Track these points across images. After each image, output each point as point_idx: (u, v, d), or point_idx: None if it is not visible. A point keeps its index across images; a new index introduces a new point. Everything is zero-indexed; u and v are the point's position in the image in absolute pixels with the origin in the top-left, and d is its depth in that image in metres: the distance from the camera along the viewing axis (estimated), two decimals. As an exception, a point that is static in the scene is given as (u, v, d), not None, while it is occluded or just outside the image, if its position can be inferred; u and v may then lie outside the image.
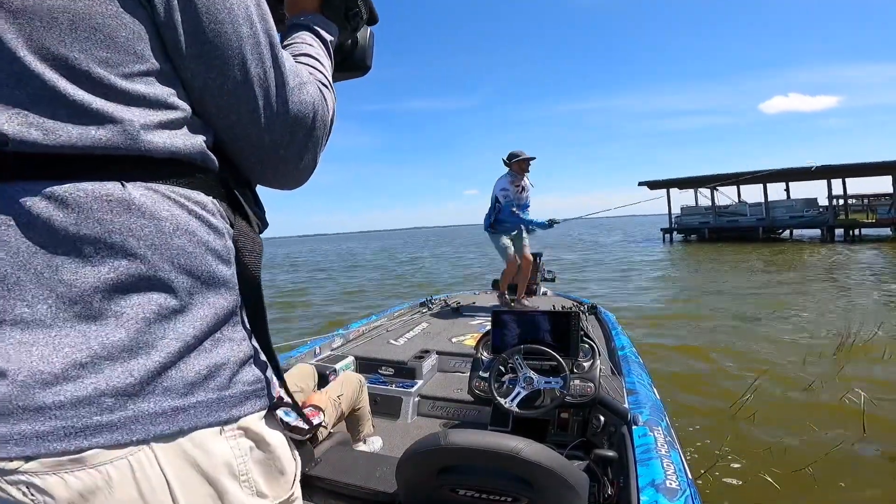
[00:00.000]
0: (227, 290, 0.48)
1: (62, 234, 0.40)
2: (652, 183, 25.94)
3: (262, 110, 0.50)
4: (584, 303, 4.03)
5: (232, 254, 0.49)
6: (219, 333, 0.47)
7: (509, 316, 2.20)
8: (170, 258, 0.43)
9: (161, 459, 0.41)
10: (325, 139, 0.58)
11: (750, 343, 4.97)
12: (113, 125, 0.42)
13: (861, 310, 6.41)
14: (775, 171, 22.28)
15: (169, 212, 0.44)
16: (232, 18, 0.46)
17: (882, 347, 4.37)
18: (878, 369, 3.97)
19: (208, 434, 0.44)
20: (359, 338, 3.16)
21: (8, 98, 0.40)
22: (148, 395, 0.41)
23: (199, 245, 0.46)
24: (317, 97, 0.54)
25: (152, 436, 0.41)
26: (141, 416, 0.40)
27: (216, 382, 0.45)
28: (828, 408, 3.28)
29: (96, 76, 0.42)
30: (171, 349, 0.42)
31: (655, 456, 1.44)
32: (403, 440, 2.15)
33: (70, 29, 0.40)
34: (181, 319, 0.44)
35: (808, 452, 2.68)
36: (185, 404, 0.43)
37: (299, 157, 0.55)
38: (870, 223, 21.55)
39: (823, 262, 12.85)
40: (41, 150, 0.40)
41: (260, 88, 0.49)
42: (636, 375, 2.17)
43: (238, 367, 0.47)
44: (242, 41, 0.47)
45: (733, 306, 7.09)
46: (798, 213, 22.20)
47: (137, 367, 0.41)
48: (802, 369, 4.03)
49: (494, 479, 1.19)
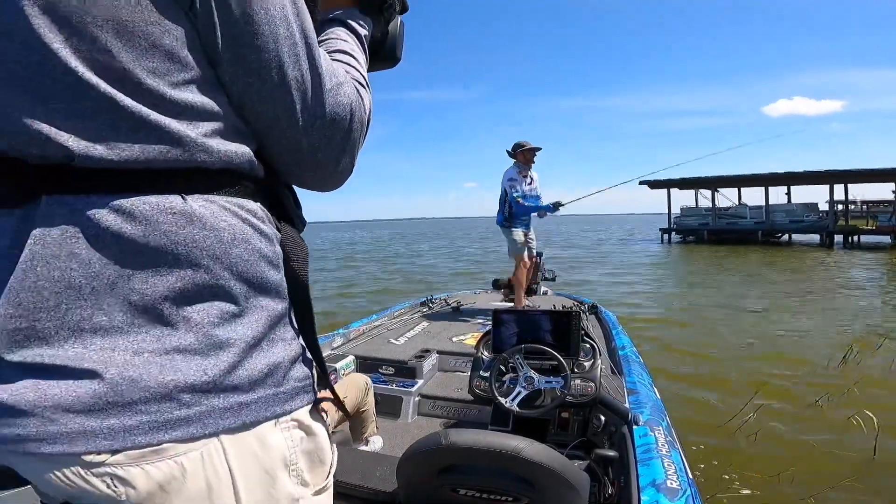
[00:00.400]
0: (277, 293, 0.50)
1: (131, 246, 0.42)
2: (652, 182, 25.94)
3: (299, 113, 0.50)
4: (584, 302, 4.03)
5: (281, 258, 0.51)
6: (273, 334, 0.49)
7: (510, 315, 2.20)
8: (229, 267, 0.46)
9: (228, 451, 0.44)
10: (363, 140, 0.57)
11: (750, 354, 4.82)
12: (170, 138, 0.43)
13: (864, 319, 6.30)
14: (778, 174, 22.28)
15: (226, 222, 0.46)
16: (269, 19, 0.46)
17: (889, 361, 4.23)
18: (886, 384, 3.81)
19: (267, 427, 0.47)
20: (359, 337, 3.16)
21: (69, 112, 0.40)
22: (218, 391, 0.44)
23: (253, 253, 0.48)
24: (354, 98, 0.54)
25: (221, 429, 0.44)
26: (213, 410, 0.43)
27: (273, 379, 0.48)
28: (835, 427, 3.12)
29: (147, 86, 0.42)
30: (235, 350, 0.45)
31: (656, 456, 1.44)
32: (404, 440, 2.15)
33: (116, 37, 0.40)
34: (241, 322, 0.46)
35: (816, 480, 2.50)
36: (249, 400, 0.45)
37: (337, 160, 0.55)
38: (870, 230, 21.46)
39: (823, 269, 12.76)
40: (106, 165, 0.41)
41: (297, 91, 0.49)
42: (637, 375, 2.17)
43: (290, 364, 0.50)
44: (279, 43, 0.47)
45: (730, 313, 7.00)
46: (798, 217, 22.15)
47: (208, 366, 0.43)
48: (806, 383, 3.91)
49: (495, 479, 1.19)
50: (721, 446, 2.90)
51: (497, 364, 2.00)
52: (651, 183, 26.01)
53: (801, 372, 4.20)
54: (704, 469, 2.65)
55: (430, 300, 4.37)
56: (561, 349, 1.98)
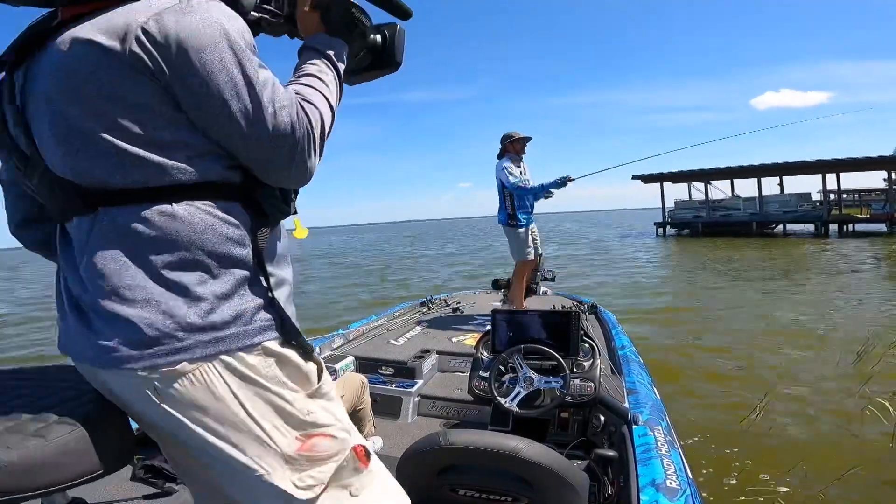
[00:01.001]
0: (243, 263, 0.70)
1: (143, 236, 0.64)
2: (646, 177, 25.95)
3: (248, 138, 0.66)
4: (584, 302, 4.01)
5: (247, 238, 0.70)
6: (240, 290, 0.69)
7: (509, 315, 2.20)
8: (202, 247, 0.66)
9: (221, 371, 0.66)
10: (313, 147, 0.70)
11: (757, 347, 4.71)
12: (157, 167, 0.64)
13: (869, 312, 6.15)
14: (770, 165, 22.32)
15: (199, 218, 0.66)
16: (208, 71, 0.62)
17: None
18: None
19: (245, 354, 0.68)
20: (359, 338, 3.15)
21: (90, 155, 0.64)
22: (201, 329, 0.65)
23: (220, 237, 0.67)
24: (294, 118, 0.67)
25: (207, 355, 0.65)
26: (198, 342, 0.64)
27: (241, 321, 0.68)
28: (851, 418, 3.03)
29: (135, 133, 0.63)
30: (209, 301, 0.66)
31: (656, 455, 1.45)
32: (403, 440, 2.15)
33: (109, 103, 0.62)
34: (213, 283, 0.67)
35: (827, 472, 2.40)
36: (223, 335, 0.66)
37: (288, 167, 0.69)
38: (864, 218, 21.57)
39: (821, 259, 12.71)
40: (122, 188, 0.65)
41: (243, 121, 0.65)
42: (636, 375, 2.17)
43: (255, 311, 0.69)
44: (221, 89, 0.63)
45: (732, 305, 6.92)
46: (792, 208, 22.19)
47: (191, 313, 0.64)
48: (818, 378, 3.80)
49: (495, 479, 1.19)
50: (730, 445, 2.77)
51: (496, 364, 2.00)
52: (644, 177, 26.03)
53: (812, 366, 4.09)
54: (713, 470, 2.52)
55: (430, 301, 4.32)
56: (560, 349, 1.98)
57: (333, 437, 0.73)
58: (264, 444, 0.67)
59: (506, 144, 4.13)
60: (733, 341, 5.03)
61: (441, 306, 4.23)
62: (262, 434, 0.67)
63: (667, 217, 26.53)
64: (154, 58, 0.61)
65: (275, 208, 0.74)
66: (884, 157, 20.03)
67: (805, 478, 2.40)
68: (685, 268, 12.59)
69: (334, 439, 0.73)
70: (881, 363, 3.88)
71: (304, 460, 0.70)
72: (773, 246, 16.96)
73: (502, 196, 4.11)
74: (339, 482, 0.73)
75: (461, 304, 4.29)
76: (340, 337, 3.02)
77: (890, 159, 20.49)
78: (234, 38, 0.63)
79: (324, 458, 0.71)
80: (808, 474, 2.42)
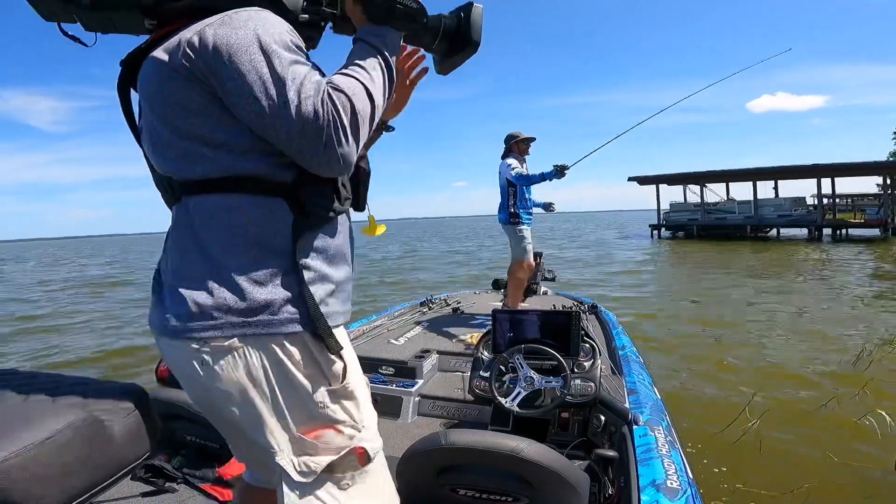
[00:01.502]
0: (282, 254, 0.75)
1: (201, 223, 0.75)
2: (641, 178, 25.98)
3: (279, 130, 0.70)
4: (584, 302, 4.00)
5: (286, 233, 0.75)
6: (275, 281, 0.74)
7: (510, 315, 2.20)
8: (245, 237, 0.74)
9: (250, 351, 0.73)
10: (343, 134, 0.71)
11: (747, 351, 4.66)
12: (212, 162, 0.74)
13: (864, 317, 6.10)
14: (765, 169, 22.39)
15: (245, 210, 0.74)
16: (242, 74, 0.69)
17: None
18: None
19: (279, 341, 0.74)
20: (359, 337, 3.14)
21: (167, 156, 0.77)
22: (236, 312, 0.72)
23: (261, 229, 0.74)
24: (318, 107, 0.69)
25: (236, 335, 0.72)
26: (231, 323, 0.72)
27: (270, 310, 0.73)
28: (848, 430, 2.92)
29: (195, 135, 0.74)
30: (245, 288, 0.73)
31: (656, 456, 1.44)
32: (403, 440, 2.14)
33: (175, 109, 0.73)
34: (252, 271, 0.73)
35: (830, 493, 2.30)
36: (254, 320, 0.73)
37: (318, 155, 0.71)
38: (858, 223, 21.61)
39: (814, 263, 12.71)
40: (189, 180, 0.76)
41: (272, 114, 0.69)
42: (637, 375, 2.17)
43: (284, 303, 0.74)
44: (252, 86, 0.69)
45: (724, 309, 6.91)
46: (786, 211, 22.24)
47: (231, 296, 0.72)
48: (811, 384, 3.72)
49: (495, 479, 1.19)
50: (721, 460, 2.63)
51: (497, 364, 2.00)
52: (640, 179, 26.06)
53: (806, 372, 4.00)
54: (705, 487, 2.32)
55: (430, 300, 4.31)
56: (561, 349, 1.98)
57: (341, 432, 0.79)
58: (280, 425, 0.75)
59: (510, 144, 4.14)
60: (726, 342, 5.04)
61: (441, 306, 4.22)
62: (280, 416, 0.75)
63: (662, 219, 26.59)
64: (198, 66, 0.70)
65: (320, 207, 0.78)
66: (879, 163, 20.13)
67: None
68: (678, 270, 12.64)
69: (341, 435, 0.78)
70: (878, 366, 3.88)
71: (309, 448, 0.76)
72: (767, 249, 16.99)
73: (505, 195, 4.10)
74: (333, 474, 0.78)
75: (461, 303, 4.29)
76: None
77: (884, 164, 20.60)
78: (265, 40, 0.70)
79: (326, 450, 0.77)
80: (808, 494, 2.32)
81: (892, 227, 20.13)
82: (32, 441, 0.63)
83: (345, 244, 0.85)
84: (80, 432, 0.68)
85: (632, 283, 10.12)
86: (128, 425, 0.73)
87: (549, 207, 4.33)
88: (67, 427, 0.67)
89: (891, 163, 21.95)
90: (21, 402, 0.76)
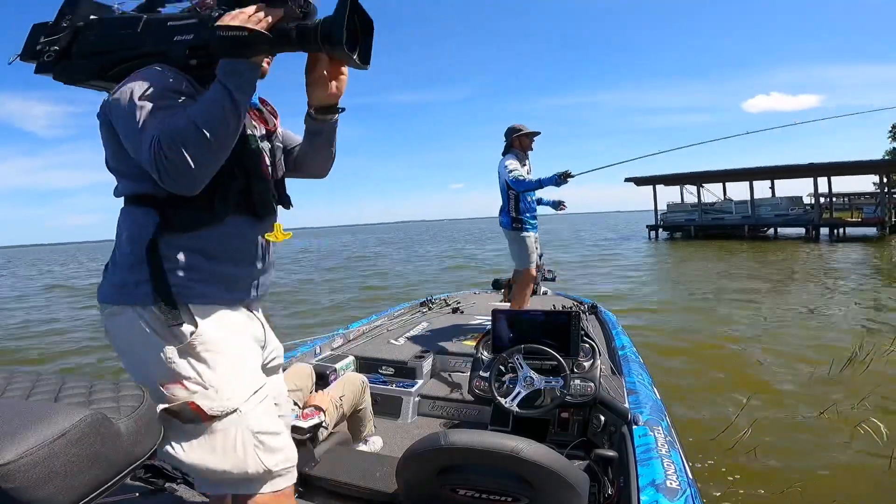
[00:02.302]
0: (143, 250, 0.97)
1: (119, 224, 1.04)
2: (638, 179, 25.89)
3: (143, 163, 0.90)
4: (584, 302, 3.97)
5: (150, 233, 0.98)
6: (141, 266, 0.97)
7: (509, 315, 2.19)
8: (129, 236, 1.00)
9: (123, 316, 0.99)
10: (169, 163, 0.86)
11: (739, 355, 4.61)
12: (122, 184, 1.04)
13: (865, 317, 6.06)
14: (762, 169, 22.39)
15: (132, 217, 1.02)
16: (119, 120, 0.94)
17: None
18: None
19: (133, 308, 0.98)
20: (359, 337, 3.13)
21: (117, 176, 1.05)
22: (118, 286, 1.00)
23: (139, 229, 0.99)
24: (155, 149, 0.86)
25: (114, 303, 1.00)
26: (114, 295, 1.01)
27: (131, 286, 0.98)
28: (843, 436, 2.88)
29: (111, 165, 1.04)
30: (123, 269, 1.00)
31: (656, 456, 1.44)
32: (403, 440, 2.14)
33: (105, 145, 1.02)
34: (128, 258, 0.99)
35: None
36: (125, 294, 0.99)
37: (164, 180, 0.88)
38: (855, 222, 21.55)
39: (812, 262, 12.64)
40: (120, 195, 1.05)
41: (135, 151, 0.92)
42: (636, 375, 2.16)
43: (141, 283, 0.97)
44: (125, 130, 0.93)
45: (718, 310, 6.87)
46: (783, 211, 22.22)
47: (118, 275, 1.01)
48: (806, 390, 3.64)
49: (495, 479, 1.18)
50: (717, 464, 2.63)
51: (497, 364, 1.99)
52: (637, 180, 25.99)
53: (800, 375, 3.96)
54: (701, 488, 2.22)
55: (430, 301, 4.29)
56: (560, 349, 1.97)
57: (186, 388, 0.96)
58: (145, 375, 0.97)
59: (512, 139, 3.66)
60: (717, 343, 5.01)
61: (441, 306, 4.19)
62: (144, 368, 0.99)
63: (659, 220, 26.55)
64: (108, 115, 0.97)
65: (184, 214, 0.99)
66: (874, 161, 20.13)
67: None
68: (676, 272, 12.59)
69: (185, 390, 0.96)
70: (867, 372, 3.83)
71: (163, 397, 0.95)
72: (764, 249, 16.90)
73: (506, 197, 3.66)
74: (179, 422, 0.95)
75: (461, 304, 4.25)
76: (340, 337, 3.00)
77: (881, 163, 20.59)
78: (135, 96, 0.91)
79: (171, 400, 0.95)
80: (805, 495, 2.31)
81: (889, 224, 20.14)
82: (45, 439, 0.63)
83: (232, 242, 1.05)
84: (90, 429, 0.68)
85: (628, 285, 10.07)
86: (132, 423, 0.74)
87: (558, 206, 3.94)
88: (78, 424, 0.67)
89: (886, 161, 21.97)
90: (27, 402, 0.76)
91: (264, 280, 1.15)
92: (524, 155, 3.68)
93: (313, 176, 1.29)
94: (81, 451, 0.66)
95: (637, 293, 8.99)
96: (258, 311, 1.19)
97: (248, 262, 1.08)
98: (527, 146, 3.70)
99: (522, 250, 3.66)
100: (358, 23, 0.96)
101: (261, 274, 1.13)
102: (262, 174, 1.08)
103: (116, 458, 0.71)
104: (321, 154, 1.21)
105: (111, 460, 0.70)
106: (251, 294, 1.11)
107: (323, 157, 1.22)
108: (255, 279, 1.12)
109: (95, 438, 0.68)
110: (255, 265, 1.10)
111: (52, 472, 0.62)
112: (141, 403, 0.81)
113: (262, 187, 1.08)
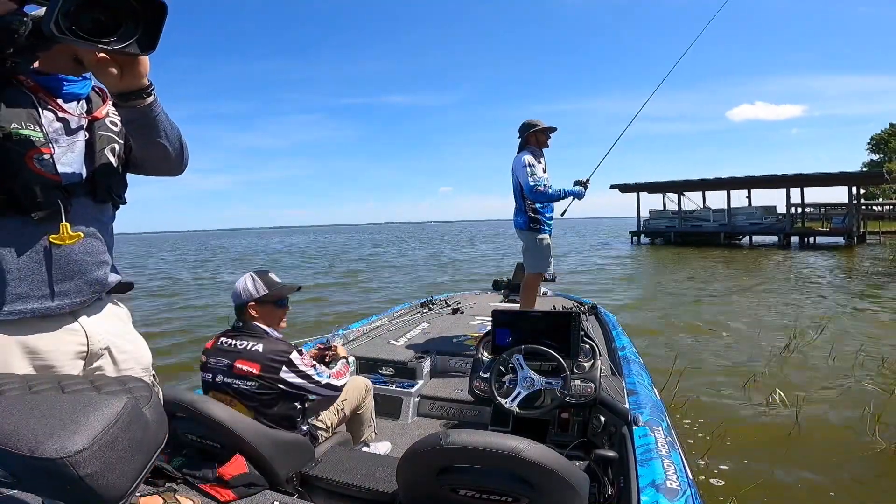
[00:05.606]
0: None
1: None
2: (623, 186, 26.16)
3: None
4: (584, 303, 3.95)
5: None
6: None
7: (510, 316, 2.16)
8: None
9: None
10: None
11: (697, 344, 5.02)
12: None
13: (810, 312, 6.53)
14: (739, 179, 22.74)
15: None
16: None
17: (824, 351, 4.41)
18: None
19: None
20: (359, 338, 3.08)
21: None
22: None
23: None
24: None
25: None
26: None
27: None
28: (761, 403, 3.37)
29: None
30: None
31: (656, 456, 1.42)
32: (403, 440, 2.10)
33: None
34: None
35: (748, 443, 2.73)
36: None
37: None
38: (824, 231, 21.99)
39: (774, 267, 13.11)
40: None
41: None
42: (636, 376, 2.14)
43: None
44: None
45: (687, 310, 7.18)
46: (757, 220, 22.58)
47: None
48: (734, 368, 4.09)
49: (495, 480, 1.15)
50: None
51: (497, 365, 1.96)
52: (621, 187, 26.26)
53: (739, 360, 4.44)
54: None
55: (431, 301, 4.22)
56: (561, 350, 1.94)
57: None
58: None
59: (527, 136, 3.27)
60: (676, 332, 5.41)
61: (441, 307, 4.13)
62: None
63: (642, 226, 26.85)
64: None
65: None
66: (845, 173, 20.51)
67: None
68: (653, 273, 12.99)
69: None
70: (799, 353, 4.51)
71: None
72: (735, 256, 17.17)
73: (519, 196, 3.29)
74: None
75: (461, 304, 4.19)
76: (340, 337, 2.94)
77: (850, 175, 21.02)
78: None
79: None
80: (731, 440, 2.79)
81: (856, 234, 20.53)
82: (107, 424, 0.64)
83: (19, 259, 0.91)
84: (134, 415, 0.69)
85: (611, 287, 10.27)
86: (152, 412, 0.75)
87: (581, 194, 3.38)
88: (125, 409, 0.68)
89: (855, 173, 22.39)
90: (73, 395, 0.75)
91: (66, 287, 0.97)
92: (540, 153, 3.29)
93: (160, 172, 1.12)
94: (131, 436, 0.67)
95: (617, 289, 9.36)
96: (95, 314, 1.04)
97: (28, 270, 0.91)
98: (543, 143, 3.32)
99: (538, 252, 3.32)
100: (132, 6, 0.80)
101: (58, 282, 0.95)
102: (25, 168, 0.90)
103: (150, 444, 0.72)
104: (149, 147, 1.02)
105: (147, 446, 0.71)
106: (41, 304, 0.93)
107: (153, 150, 1.02)
108: (47, 288, 0.93)
109: (138, 424, 0.70)
110: (41, 272, 0.93)
111: (116, 457, 0.63)
112: (152, 393, 0.80)
113: (26, 182, 0.90)
